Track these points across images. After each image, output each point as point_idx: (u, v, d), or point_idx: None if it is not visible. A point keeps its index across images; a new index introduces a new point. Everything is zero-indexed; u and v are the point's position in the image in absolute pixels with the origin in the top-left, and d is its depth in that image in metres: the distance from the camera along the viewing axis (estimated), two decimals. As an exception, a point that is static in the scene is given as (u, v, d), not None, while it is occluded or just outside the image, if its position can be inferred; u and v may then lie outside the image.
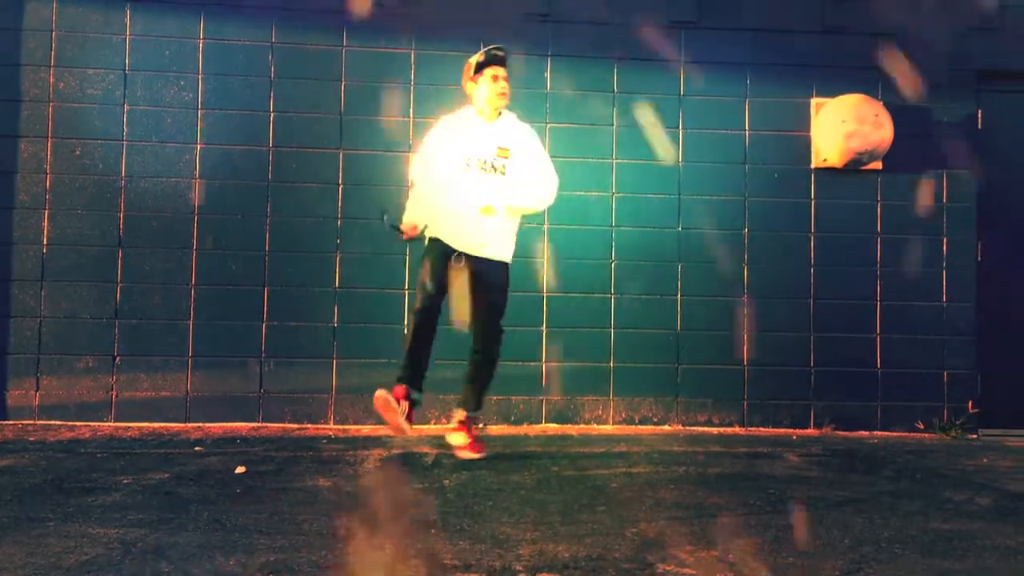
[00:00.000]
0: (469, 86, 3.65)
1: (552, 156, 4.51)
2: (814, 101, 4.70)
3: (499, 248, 3.56)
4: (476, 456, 3.52)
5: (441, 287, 3.45)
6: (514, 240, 3.66)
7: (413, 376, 3.48)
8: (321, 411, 4.39)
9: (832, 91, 4.67)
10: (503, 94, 3.58)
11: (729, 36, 4.68)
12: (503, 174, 3.56)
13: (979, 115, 4.80)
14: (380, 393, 3.38)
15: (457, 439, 3.62)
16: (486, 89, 3.57)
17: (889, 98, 4.68)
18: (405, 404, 3.42)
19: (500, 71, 3.58)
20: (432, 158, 3.61)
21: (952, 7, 4.72)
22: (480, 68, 3.58)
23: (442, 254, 3.49)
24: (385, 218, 3.64)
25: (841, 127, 4.49)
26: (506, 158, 3.57)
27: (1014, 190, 4.86)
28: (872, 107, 4.52)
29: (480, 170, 3.52)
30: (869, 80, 4.70)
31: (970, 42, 4.72)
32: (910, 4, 4.67)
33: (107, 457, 3.45)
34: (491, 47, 3.62)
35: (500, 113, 3.64)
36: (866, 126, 4.48)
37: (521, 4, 4.58)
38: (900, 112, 4.65)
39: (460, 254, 3.47)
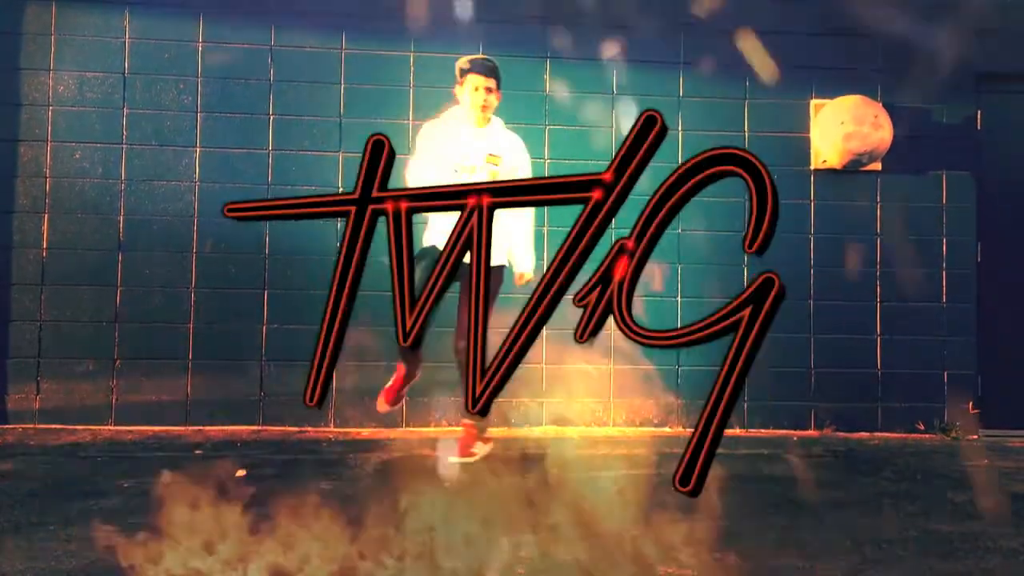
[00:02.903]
0: (457, 89, 3.58)
1: (550, 159, 4.55)
2: (813, 102, 4.70)
3: (497, 254, 3.51)
4: (463, 459, 3.39)
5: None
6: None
7: None
8: (322, 414, 4.38)
9: (831, 92, 4.66)
10: (484, 107, 3.47)
11: (728, 37, 4.67)
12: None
13: (979, 116, 4.80)
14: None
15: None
16: (467, 98, 3.50)
17: (888, 99, 4.68)
18: None
19: (481, 81, 3.45)
20: (423, 166, 3.49)
21: (952, 8, 4.72)
22: (463, 73, 3.50)
23: (435, 260, 3.44)
24: None
25: (840, 128, 4.49)
26: (496, 165, 3.49)
27: (1014, 191, 4.85)
28: (871, 108, 4.52)
29: (469, 175, 3.43)
30: (868, 81, 4.70)
31: (970, 43, 4.72)
32: (910, 5, 4.67)
33: (108, 461, 3.45)
34: (479, 56, 3.55)
35: (489, 119, 3.56)
36: (865, 127, 4.47)
37: (521, 5, 4.58)
38: (899, 113, 4.65)
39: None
